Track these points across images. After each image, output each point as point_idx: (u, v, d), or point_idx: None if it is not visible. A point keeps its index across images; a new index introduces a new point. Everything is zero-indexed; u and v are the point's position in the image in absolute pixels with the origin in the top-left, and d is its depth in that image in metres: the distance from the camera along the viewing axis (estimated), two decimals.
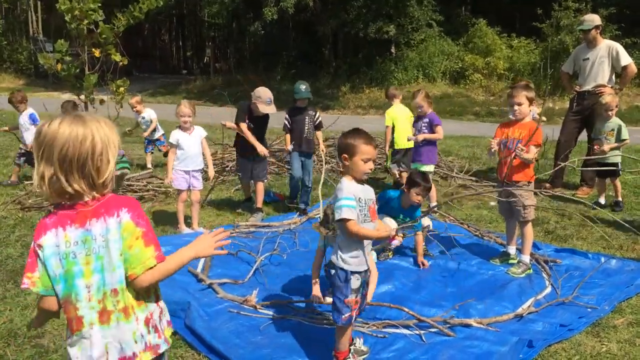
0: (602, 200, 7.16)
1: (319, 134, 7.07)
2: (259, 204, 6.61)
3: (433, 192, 7.02)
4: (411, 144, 7.19)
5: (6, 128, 9.05)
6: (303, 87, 6.74)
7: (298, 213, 6.69)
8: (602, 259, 5.21)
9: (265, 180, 6.66)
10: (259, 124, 6.60)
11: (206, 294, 4.32)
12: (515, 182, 4.82)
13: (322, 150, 7.06)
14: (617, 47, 7.41)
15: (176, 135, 5.87)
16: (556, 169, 7.14)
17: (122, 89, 10.00)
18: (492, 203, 7.32)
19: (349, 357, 3.31)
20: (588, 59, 7.48)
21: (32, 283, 1.92)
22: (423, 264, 5.06)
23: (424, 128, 6.72)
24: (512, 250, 5.24)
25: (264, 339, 3.66)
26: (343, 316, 3.14)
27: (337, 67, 23.93)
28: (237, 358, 3.33)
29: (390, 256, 5.31)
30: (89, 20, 9.17)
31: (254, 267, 4.78)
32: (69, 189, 1.87)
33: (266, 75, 23.90)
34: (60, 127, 1.85)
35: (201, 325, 3.68)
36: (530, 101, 4.72)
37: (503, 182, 4.92)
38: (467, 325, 3.86)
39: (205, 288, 4.45)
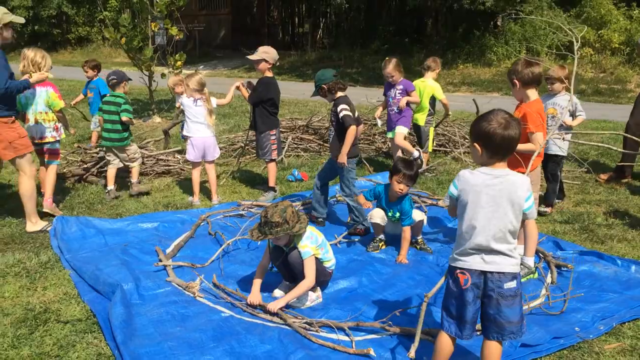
0: None
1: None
2: (270, 183, 6.32)
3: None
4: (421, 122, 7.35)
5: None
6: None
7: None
8: (633, 267, 4.37)
9: (274, 159, 6.29)
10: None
11: (157, 276, 4.13)
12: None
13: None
14: None
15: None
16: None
17: (179, 62, 10.11)
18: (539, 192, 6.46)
19: None
20: None
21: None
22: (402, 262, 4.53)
23: (399, 95, 6.74)
24: (520, 249, 4.52)
25: (181, 331, 3.40)
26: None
27: (435, 42, 22.78)
28: (126, 349, 3.10)
29: (382, 247, 4.81)
30: None
31: (218, 252, 4.51)
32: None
33: (362, 50, 23.29)
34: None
35: (117, 311, 3.47)
36: None
37: None
38: (408, 335, 3.33)
39: (162, 269, 4.26)
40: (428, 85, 7.26)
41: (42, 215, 5.39)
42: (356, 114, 5.18)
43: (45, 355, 3.15)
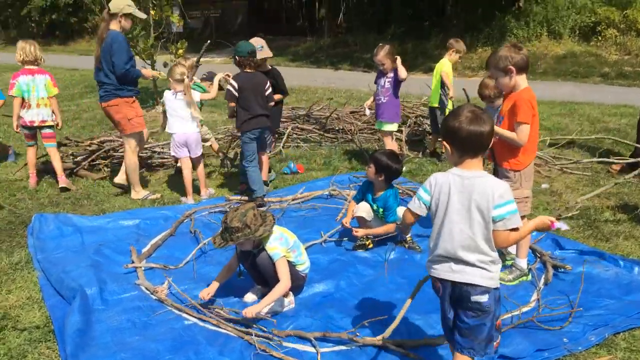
0: None
1: None
2: (263, 177, 6.08)
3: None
4: (435, 103, 7.17)
5: None
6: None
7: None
8: (636, 269, 4.05)
9: (269, 151, 6.06)
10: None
11: (126, 278, 3.95)
12: (503, 169, 3.83)
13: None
14: None
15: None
16: None
17: (180, 50, 9.93)
18: (544, 185, 6.13)
19: None
20: None
21: (13, 91, 5.93)
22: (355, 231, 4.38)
23: (388, 84, 6.41)
24: (513, 249, 4.24)
25: (139, 340, 3.22)
26: (495, 343, 2.53)
27: (454, 25, 22.16)
28: None
29: (369, 247, 4.55)
30: None
31: (192, 253, 4.31)
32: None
33: (377, 35, 22.78)
34: None
35: (73, 320, 3.30)
36: None
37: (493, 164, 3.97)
38: (381, 347, 3.10)
39: (132, 271, 4.09)
40: (439, 63, 7.25)
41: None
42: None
43: None
